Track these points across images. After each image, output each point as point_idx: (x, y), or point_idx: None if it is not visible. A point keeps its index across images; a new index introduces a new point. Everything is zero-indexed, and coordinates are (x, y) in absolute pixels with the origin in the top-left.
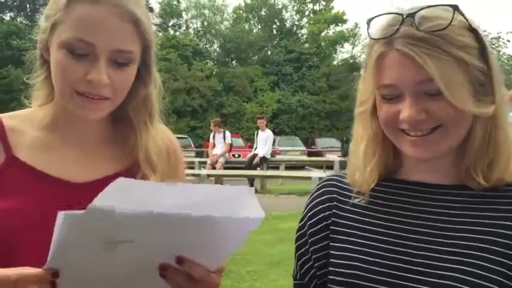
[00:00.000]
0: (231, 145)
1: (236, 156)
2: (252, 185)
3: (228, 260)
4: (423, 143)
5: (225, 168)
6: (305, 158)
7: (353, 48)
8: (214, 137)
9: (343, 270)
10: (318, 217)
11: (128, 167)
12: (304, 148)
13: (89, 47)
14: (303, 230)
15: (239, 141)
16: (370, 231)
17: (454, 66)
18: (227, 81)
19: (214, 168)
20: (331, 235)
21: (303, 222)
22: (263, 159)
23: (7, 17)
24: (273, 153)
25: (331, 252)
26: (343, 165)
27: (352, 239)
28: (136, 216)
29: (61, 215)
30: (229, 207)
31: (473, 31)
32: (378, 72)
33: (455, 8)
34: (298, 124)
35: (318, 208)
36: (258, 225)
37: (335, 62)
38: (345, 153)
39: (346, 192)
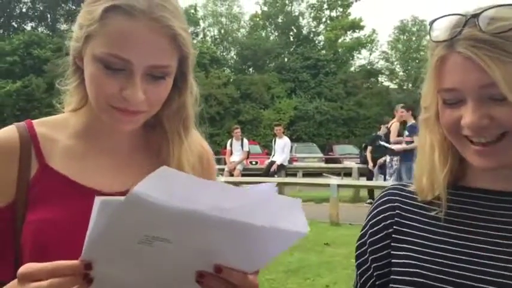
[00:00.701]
0: (248, 152)
1: (253, 163)
2: None
3: None
4: (488, 152)
5: (243, 175)
6: (323, 164)
7: (370, 54)
8: (231, 144)
9: (406, 278)
10: (379, 226)
11: None
12: (321, 155)
13: (124, 63)
14: (364, 239)
15: (256, 148)
16: (435, 241)
17: None
18: (244, 89)
19: (232, 175)
20: (392, 243)
21: (364, 230)
22: (281, 166)
23: (28, 27)
24: (291, 160)
25: (393, 261)
26: (361, 172)
27: (416, 247)
28: (175, 212)
29: (98, 200)
30: (274, 217)
31: None
32: (439, 76)
33: None
34: (316, 131)
35: (380, 217)
36: (299, 238)
37: (352, 69)
38: (363, 160)
39: (409, 201)
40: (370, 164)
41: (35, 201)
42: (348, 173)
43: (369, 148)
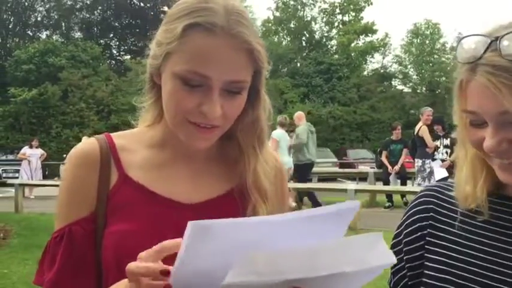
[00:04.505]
0: None
1: None
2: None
3: None
4: (510, 169)
5: None
6: (337, 169)
7: (383, 58)
8: None
9: (437, 283)
10: (414, 226)
11: (238, 185)
12: (336, 160)
13: (203, 79)
14: (399, 238)
15: None
16: (469, 247)
17: None
18: None
19: None
20: (426, 246)
21: (399, 230)
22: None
23: (43, 35)
24: None
25: (426, 263)
26: (377, 177)
27: (449, 252)
28: (270, 284)
29: (190, 225)
30: (360, 259)
31: None
32: (461, 96)
33: None
34: (329, 136)
35: (415, 217)
36: (388, 267)
37: (365, 73)
38: (378, 165)
39: (445, 204)
40: (390, 168)
41: (114, 211)
42: (363, 178)
43: (384, 153)
